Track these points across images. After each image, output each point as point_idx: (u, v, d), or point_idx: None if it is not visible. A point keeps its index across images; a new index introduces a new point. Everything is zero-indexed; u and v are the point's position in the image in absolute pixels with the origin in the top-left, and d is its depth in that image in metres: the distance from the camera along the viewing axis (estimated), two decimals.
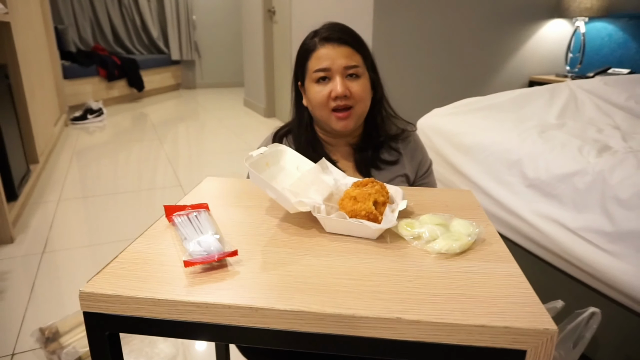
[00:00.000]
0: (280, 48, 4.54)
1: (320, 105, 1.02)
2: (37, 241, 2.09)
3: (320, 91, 1.01)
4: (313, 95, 1.03)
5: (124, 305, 0.54)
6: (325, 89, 1.01)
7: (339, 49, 1.00)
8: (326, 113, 1.03)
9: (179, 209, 0.75)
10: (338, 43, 1.00)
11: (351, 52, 1.01)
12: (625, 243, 1.10)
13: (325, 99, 1.01)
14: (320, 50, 1.01)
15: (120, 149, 3.73)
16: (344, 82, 1.00)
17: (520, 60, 3.27)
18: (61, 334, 1.36)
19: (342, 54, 1.00)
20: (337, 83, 1.00)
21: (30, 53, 3.17)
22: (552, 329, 0.48)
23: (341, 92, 0.99)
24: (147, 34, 6.76)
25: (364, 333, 0.51)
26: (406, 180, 1.13)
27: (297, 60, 1.08)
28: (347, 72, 1.00)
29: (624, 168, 1.18)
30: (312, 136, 1.11)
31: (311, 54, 1.03)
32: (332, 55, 1.00)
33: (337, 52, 1.00)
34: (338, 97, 1.00)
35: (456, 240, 0.65)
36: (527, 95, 2.01)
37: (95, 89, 5.22)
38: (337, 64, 1.00)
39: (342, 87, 0.99)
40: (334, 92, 1.00)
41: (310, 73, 1.03)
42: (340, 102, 1.01)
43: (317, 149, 1.09)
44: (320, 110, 1.04)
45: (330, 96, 1.01)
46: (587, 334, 1.10)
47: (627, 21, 3.07)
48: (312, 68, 1.02)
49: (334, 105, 1.01)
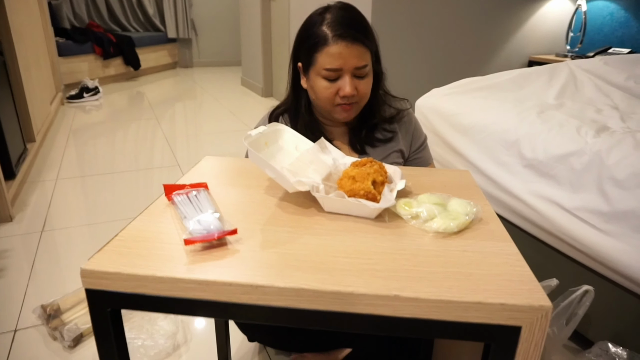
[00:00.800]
0: (278, 27, 4.47)
1: (325, 99, 1.03)
2: (36, 220, 2.10)
3: (328, 88, 1.01)
4: (319, 89, 1.02)
5: (125, 283, 0.55)
6: (333, 86, 1.01)
7: (352, 48, 0.97)
8: (329, 106, 1.04)
9: (179, 188, 0.75)
10: (352, 40, 0.97)
11: (363, 51, 0.99)
12: (621, 223, 1.12)
13: (332, 96, 1.02)
14: (333, 47, 0.97)
15: (117, 128, 3.71)
16: (352, 82, 1.00)
17: (520, 40, 3.24)
18: (62, 311, 1.38)
19: (355, 54, 0.98)
20: (346, 83, 0.99)
21: (24, 29, 3.12)
22: (547, 305, 0.49)
23: (350, 92, 0.99)
24: (142, 11, 6.64)
25: (362, 310, 0.52)
26: (401, 156, 1.14)
27: (301, 43, 1.05)
28: (357, 72, 1.00)
29: (621, 148, 1.18)
30: (310, 117, 1.12)
31: (322, 48, 0.99)
32: (345, 55, 0.97)
33: (350, 51, 0.97)
34: (346, 96, 1.00)
35: (454, 220, 0.65)
36: (526, 75, 2.00)
37: (91, 67, 5.16)
38: (348, 65, 0.98)
39: (351, 88, 0.99)
40: (342, 91, 1.00)
41: (319, 68, 1.00)
42: (347, 101, 1.02)
43: (314, 130, 1.10)
44: (324, 104, 1.04)
45: (338, 94, 1.01)
46: (579, 311, 1.12)
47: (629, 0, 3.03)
48: (322, 64, 0.99)
49: (340, 102, 1.02)
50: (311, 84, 1.05)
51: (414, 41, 2.91)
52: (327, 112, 1.07)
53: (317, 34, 0.99)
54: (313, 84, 1.04)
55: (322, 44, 0.99)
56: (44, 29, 4.07)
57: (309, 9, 1.06)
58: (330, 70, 0.99)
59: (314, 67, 1.02)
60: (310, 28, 1.02)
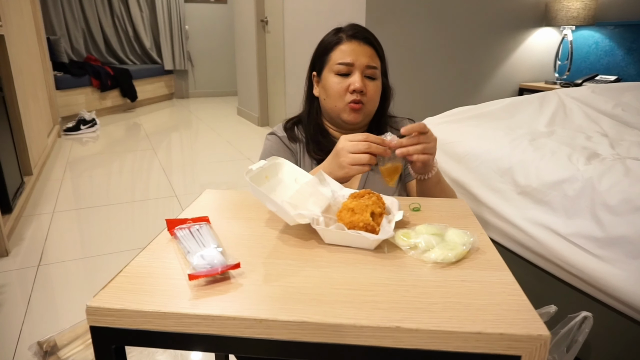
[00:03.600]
0: (273, 57, 4.57)
1: (336, 95, 1.08)
2: (32, 254, 2.09)
3: (339, 82, 1.08)
4: (331, 85, 1.09)
5: (130, 319, 0.55)
6: (345, 82, 1.07)
7: (364, 47, 1.07)
8: (341, 104, 1.09)
9: (181, 223, 0.76)
10: (364, 42, 1.08)
11: (373, 54, 1.09)
12: (615, 248, 1.13)
13: (343, 91, 1.07)
14: (346, 44, 1.08)
15: (114, 159, 3.73)
16: (363, 80, 1.07)
17: (510, 68, 3.33)
18: (59, 347, 1.36)
19: (366, 53, 1.07)
20: (356, 78, 1.06)
21: (23, 64, 3.17)
22: (545, 334, 0.50)
23: (359, 86, 1.05)
24: (139, 44, 6.77)
25: (365, 342, 0.53)
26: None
27: (317, 51, 1.14)
28: (367, 71, 1.07)
29: (612, 175, 1.21)
30: (320, 125, 1.18)
31: (336, 46, 1.09)
32: (357, 52, 1.06)
33: (362, 49, 1.07)
34: (355, 90, 1.06)
35: (451, 250, 0.67)
36: (518, 104, 2.05)
37: (88, 100, 5.22)
38: (360, 61, 1.06)
39: (361, 83, 1.06)
40: (352, 85, 1.06)
41: (332, 64, 1.08)
42: (356, 97, 1.07)
43: (325, 136, 1.16)
44: (335, 101, 1.09)
45: (348, 89, 1.07)
46: (579, 337, 1.12)
47: (612, 29, 3.14)
48: (335, 59, 1.08)
49: (351, 98, 1.07)
50: (323, 84, 1.12)
51: (406, 71, 2.98)
52: (336, 113, 1.11)
53: (331, 39, 1.11)
54: (325, 83, 1.11)
55: (336, 43, 1.10)
56: (43, 63, 4.14)
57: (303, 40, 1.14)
58: (343, 64, 1.06)
59: (328, 65, 1.10)
60: (326, 39, 1.13)
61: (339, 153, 0.92)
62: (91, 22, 6.25)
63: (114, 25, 6.52)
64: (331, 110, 1.12)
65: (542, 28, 3.33)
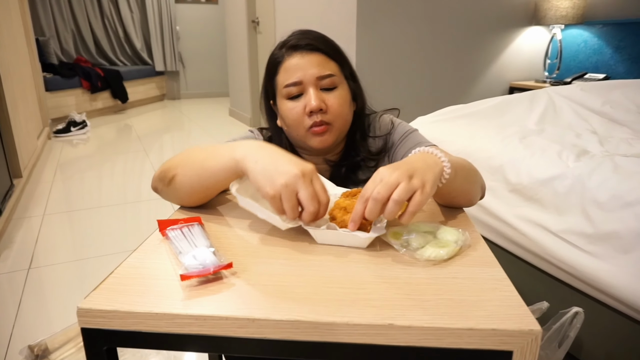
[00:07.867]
0: (264, 58, 4.52)
1: (294, 123, 0.91)
2: (22, 257, 2.07)
3: (294, 108, 0.90)
4: (286, 113, 0.91)
5: (122, 320, 0.55)
6: (299, 104, 0.89)
7: (310, 57, 0.89)
8: (302, 132, 0.91)
9: (172, 223, 0.76)
10: (308, 50, 0.89)
11: (324, 60, 0.90)
12: (605, 244, 1.14)
13: (299, 116, 0.89)
14: (288, 61, 0.90)
15: (104, 161, 3.70)
16: (318, 95, 0.88)
17: (500, 67, 3.35)
18: (51, 350, 1.35)
19: (314, 63, 0.89)
20: (310, 96, 0.88)
21: (12, 66, 3.14)
22: (537, 329, 0.51)
23: (316, 105, 0.87)
24: (130, 45, 6.73)
25: (358, 340, 0.53)
26: None
27: (265, 75, 0.96)
28: (321, 83, 0.89)
29: (601, 172, 1.22)
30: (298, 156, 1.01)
31: (279, 67, 0.91)
32: (302, 65, 0.88)
33: (307, 60, 0.88)
34: (313, 111, 0.88)
35: (443, 247, 0.67)
36: (508, 102, 2.06)
37: (78, 101, 5.18)
38: (308, 75, 0.88)
39: (317, 100, 0.87)
40: (308, 106, 0.88)
41: (280, 89, 0.91)
42: (317, 119, 0.88)
43: None
44: (295, 130, 0.92)
45: (305, 112, 0.89)
46: (571, 333, 1.14)
47: (600, 28, 3.17)
48: (281, 83, 0.90)
49: (310, 122, 0.89)
50: (280, 113, 0.94)
51: (398, 71, 2.99)
52: (302, 142, 0.94)
53: (273, 60, 0.94)
54: (281, 112, 0.93)
55: (278, 63, 0.92)
56: (32, 64, 4.10)
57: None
58: (290, 85, 0.89)
59: (278, 92, 0.93)
60: (270, 59, 0.95)
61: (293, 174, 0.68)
62: (81, 23, 6.20)
63: (104, 26, 6.47)
64: (297, 140, 0.95)
65: (531, 27, 3.36)
